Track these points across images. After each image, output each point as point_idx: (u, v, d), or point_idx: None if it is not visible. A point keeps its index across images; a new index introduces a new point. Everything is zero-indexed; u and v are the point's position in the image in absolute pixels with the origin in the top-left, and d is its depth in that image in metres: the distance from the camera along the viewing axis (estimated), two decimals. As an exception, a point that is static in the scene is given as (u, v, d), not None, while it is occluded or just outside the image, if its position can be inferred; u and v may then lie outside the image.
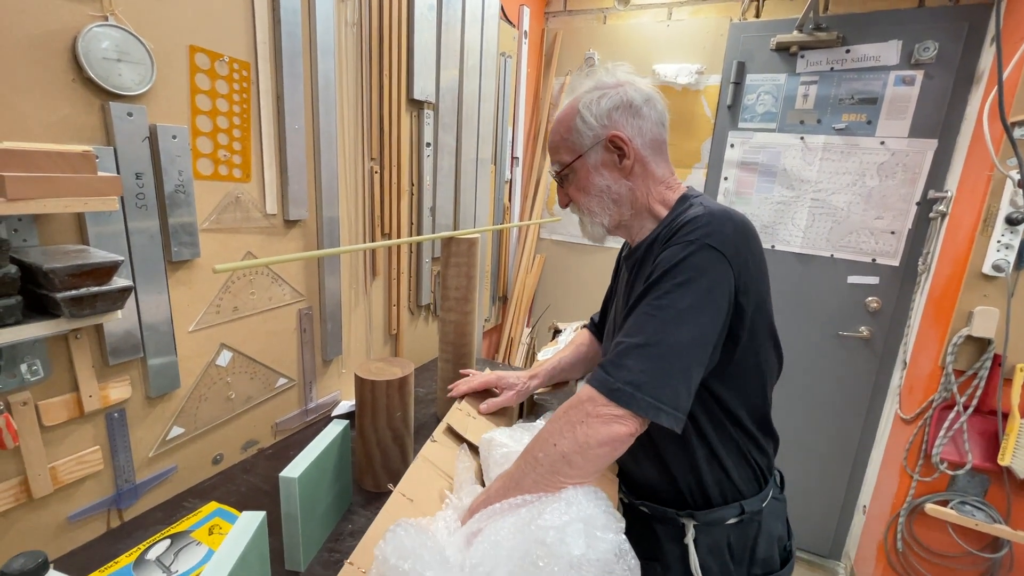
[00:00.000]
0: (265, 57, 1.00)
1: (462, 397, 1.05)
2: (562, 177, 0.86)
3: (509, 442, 0.84)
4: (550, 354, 1.26)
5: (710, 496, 0.80)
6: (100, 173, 0.70)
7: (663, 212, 0.81)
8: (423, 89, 1.42)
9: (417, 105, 1.45)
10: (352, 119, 1.25)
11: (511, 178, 2.18)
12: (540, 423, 0.95)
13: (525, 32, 2.05)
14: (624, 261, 0.89)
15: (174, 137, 0.86)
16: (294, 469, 0.77)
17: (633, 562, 0.62)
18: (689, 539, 0.80)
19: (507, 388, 1.07)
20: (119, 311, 0.74)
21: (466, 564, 0.59)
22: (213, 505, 0.83)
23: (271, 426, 1.18)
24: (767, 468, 0.83)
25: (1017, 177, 1.32)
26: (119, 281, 0.73)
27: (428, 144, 1.51)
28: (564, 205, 0.89)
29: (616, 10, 2.10)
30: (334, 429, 0.89)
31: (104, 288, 0.70)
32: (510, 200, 2.20)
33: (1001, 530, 1.44)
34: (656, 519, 0.84)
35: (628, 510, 0.88)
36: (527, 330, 2.42)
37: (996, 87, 1.21)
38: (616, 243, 0.94)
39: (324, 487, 0.85)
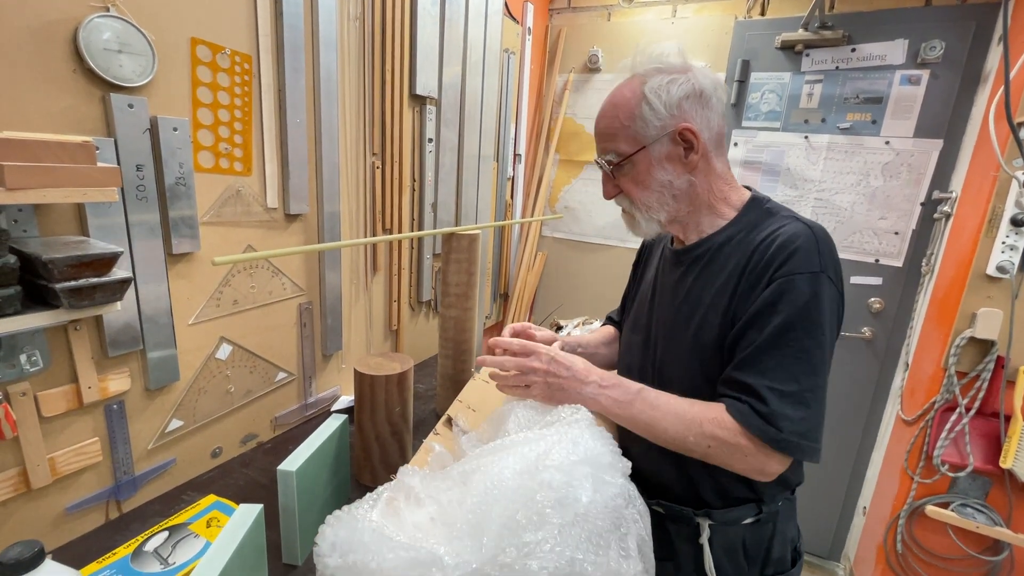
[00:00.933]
0: (267, 50, 1.00)
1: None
2: (615, 167, 0.77)
3: (532, 414, 0.80)
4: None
5: (729, 495, 0.78)
6: (100, 164, 0.70)
7: (728, 212, 0.78)
8: (425, 84, 1.42)
9: (419, 100, 1.44)
10: (354, 114, 1.25)
11: (513, 175, 2.17)
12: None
13: (529, 28, 2.04)
14: (673, 255, 0.83)
15: (175, 129, 0.86)
16: (292, 463, 0.77)
17: (642, 508, 0.61)
18: (704, 539, 0.78)
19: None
20: (118, 303, 0.74)
21: (465, 502, 0.57)
22: (211, 498, 0.83)
23: (270, 420, 1.18)
24: (791, 471, 0.80)
25: (1023, 178, 1.31)
26: (118, 272, 0.73)
27: (430, 140, 1.51)
28: (610, 197, 0.81)
29: (620, 7, 2.09)
30: (333, 423, 0.90)
31: (103, 279, 0.70)
32: (512, 197, 2.20)
33: (1002, 533, 1.44)
34: (670, 518, 0.81)
35: None
36: (528, 328, 2.41)
37: (1003, 87, 1.20)
38: (619, 242, 0.92)
39: (322, 481, 0.85)
